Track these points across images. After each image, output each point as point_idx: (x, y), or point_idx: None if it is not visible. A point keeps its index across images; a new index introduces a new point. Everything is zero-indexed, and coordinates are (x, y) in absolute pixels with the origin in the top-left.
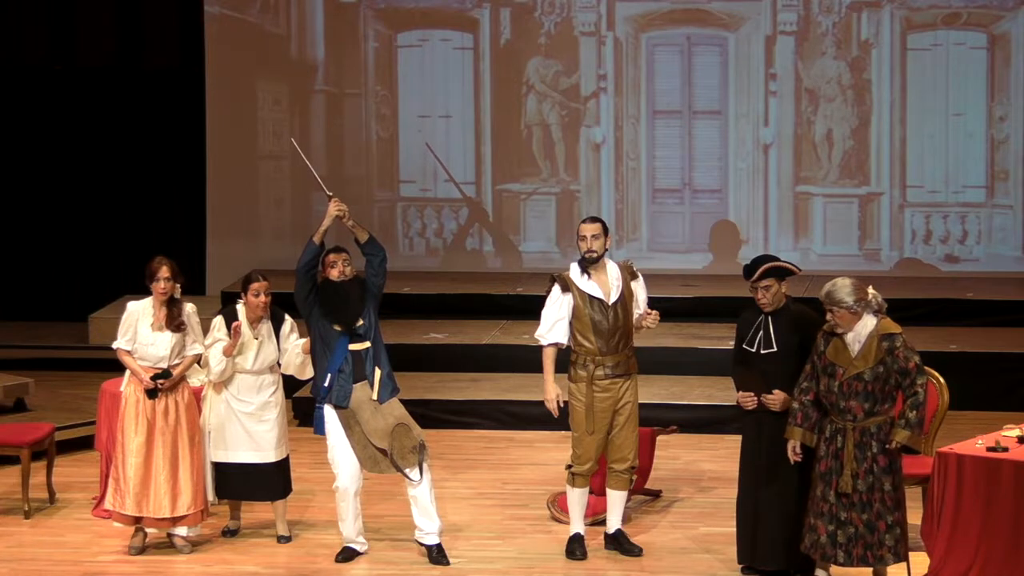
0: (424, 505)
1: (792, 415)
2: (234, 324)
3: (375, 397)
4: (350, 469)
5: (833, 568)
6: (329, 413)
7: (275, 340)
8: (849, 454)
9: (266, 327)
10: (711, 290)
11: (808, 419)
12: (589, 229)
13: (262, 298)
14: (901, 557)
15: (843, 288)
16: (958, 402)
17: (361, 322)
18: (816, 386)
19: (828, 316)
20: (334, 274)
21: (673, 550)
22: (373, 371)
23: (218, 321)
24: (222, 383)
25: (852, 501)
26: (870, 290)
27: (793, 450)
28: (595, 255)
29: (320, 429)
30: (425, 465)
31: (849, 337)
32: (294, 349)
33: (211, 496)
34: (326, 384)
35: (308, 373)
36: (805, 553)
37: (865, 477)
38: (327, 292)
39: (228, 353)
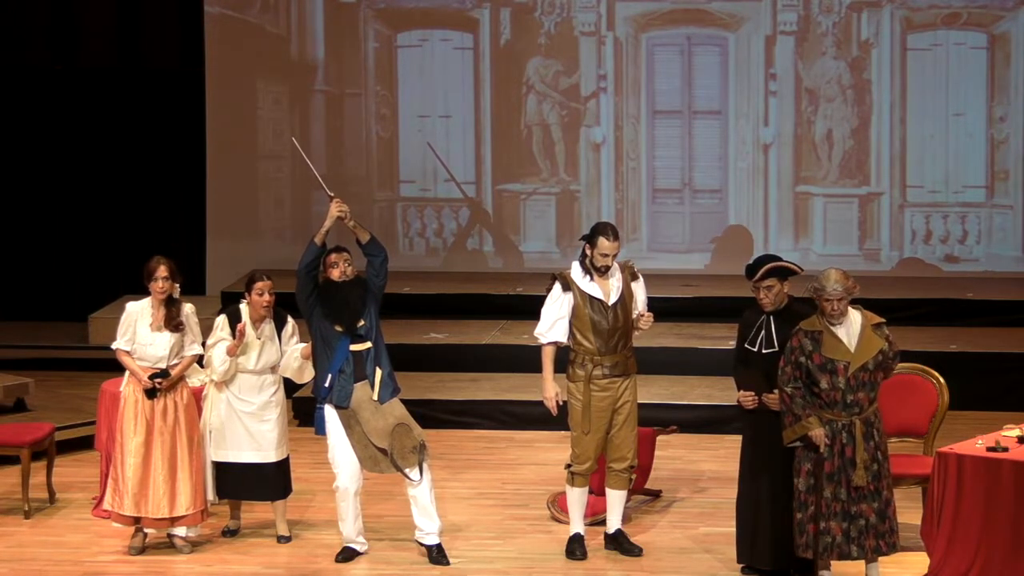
0: (424, 505)
1: (800, 408)
2: (239, 325)
3: (376, 397)
4: (350, 469)
5: (834, 568)
6: (329, 413)
7: (277, 341)
8: (860, 447)
9: (269, 327)
10: (711, 290)
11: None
12: (612, 248)
13: (266, 297)
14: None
15: (835, 276)
16: (958, 402)
17: (362, 323)
18: (801, 387)
19: (828, 308)
20: (335, 274)
21: (673, 550)
22: (374, 371)
23: (221, 320)
24: (223, 382)
25: (863, 493)
26: None
27: (825, 437)
28: (609, 267)
29: (320, 429)
30: (425, 465)
31: (841, 331)
32: (292, 353)
33: (211, 496)
34: (327, 384)
35: (305, 377)
36: (802, 556)
37: (870, 466)
38: (328, 293)
39: (232, 353)
